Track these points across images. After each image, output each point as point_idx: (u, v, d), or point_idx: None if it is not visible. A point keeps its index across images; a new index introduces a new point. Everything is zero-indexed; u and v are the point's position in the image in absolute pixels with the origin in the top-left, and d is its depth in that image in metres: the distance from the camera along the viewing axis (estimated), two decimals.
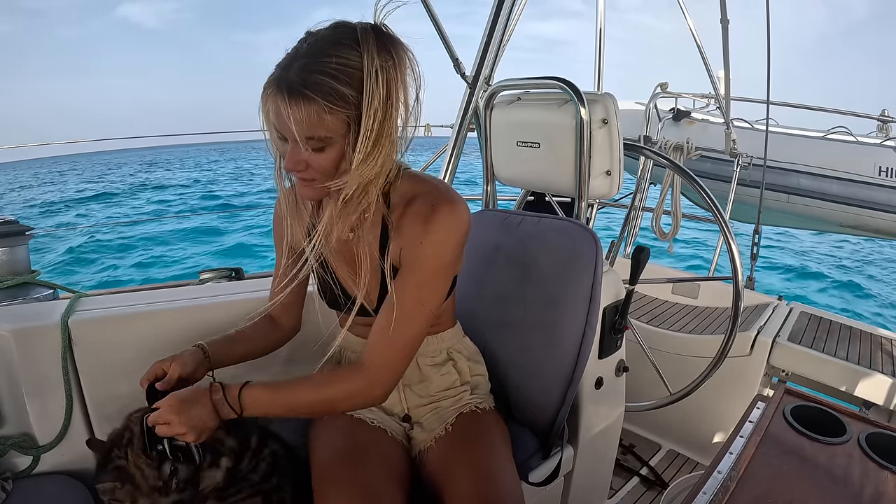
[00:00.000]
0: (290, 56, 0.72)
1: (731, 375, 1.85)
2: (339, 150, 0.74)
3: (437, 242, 0.81)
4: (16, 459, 1.00)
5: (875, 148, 3.71)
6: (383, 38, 0.73)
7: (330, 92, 0.69)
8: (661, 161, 1.57)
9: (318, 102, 0.69)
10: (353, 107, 0.71)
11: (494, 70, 1.53)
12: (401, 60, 0.74)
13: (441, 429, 0.94)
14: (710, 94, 3.52)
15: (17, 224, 1.28)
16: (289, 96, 0.69)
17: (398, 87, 0.73)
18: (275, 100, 0.70)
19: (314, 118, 0.70)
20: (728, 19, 2.59)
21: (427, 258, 0.82)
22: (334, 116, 0.70)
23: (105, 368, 1.06)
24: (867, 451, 0.83)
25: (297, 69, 0.69)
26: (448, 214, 0.81)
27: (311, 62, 0.69)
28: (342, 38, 0.71)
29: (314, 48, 0.71)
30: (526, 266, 1.16)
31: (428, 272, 0.83)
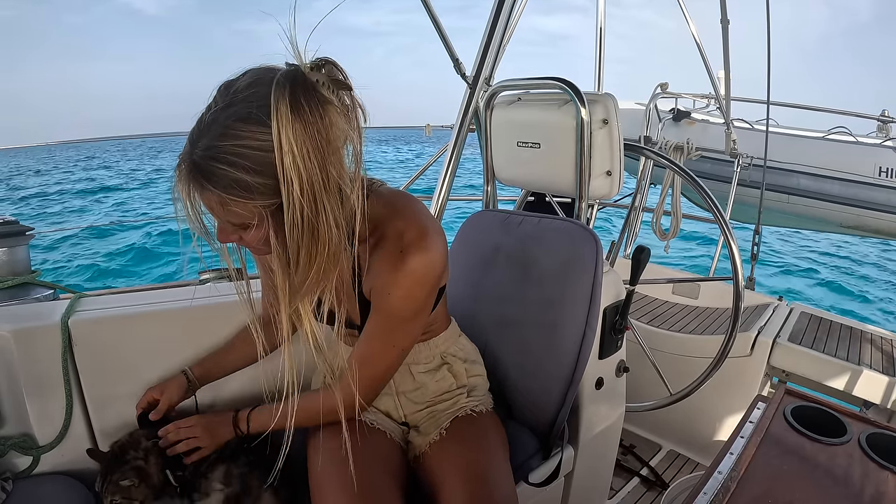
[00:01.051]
0: (200, 125, 0.63)
1: (732, 376, 1.85)
2: (265, 236, 0.67)
3: (405, 295, 0.78)
4: (16, 460, 1.00)
5: (875, 148, 3.71)
6: (304, 95, 0.59)
7: (232, 184, 0.61)
8: (661, 161, 1.57)
9: (219, 195, 0.62)
10: (268, 194, 0.62)
11: (495, 70, 1.53)
12: (327, 113, 0.61)
13: (436, 433, 0.94)
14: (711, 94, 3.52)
15: (18, 224, 1.28)
16: (192, 182, 0.62)
17: (328, 151, 0.61)
18: (184, 179, 0.63)
19: (221, 208, 0.64)
20: (728, 19, 2.59)
21: (396, 309, 0.80)
22: (242, 207, 0.63)
23: (105, 368, 1.06)
24: (867, 451, 0.83)
25: (201, 151, 0.61)
26: (418, 264, 0.76)
27: (213, 146, 0.60)
28: (251, 109, 0.60)
29: (220, 122, 0.61)
30: (526, 266, 1.16)
31: (396, 320, 0.81)
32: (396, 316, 0.81)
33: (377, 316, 0.82)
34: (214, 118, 0.61)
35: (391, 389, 1.00)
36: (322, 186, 0.61)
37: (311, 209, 0.61)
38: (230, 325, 1.16)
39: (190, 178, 0.62)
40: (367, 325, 0.84)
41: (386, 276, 0.78)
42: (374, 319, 0.83)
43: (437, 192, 1.52)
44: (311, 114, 0.59)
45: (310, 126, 0.59)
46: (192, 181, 0.62)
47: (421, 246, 0.77)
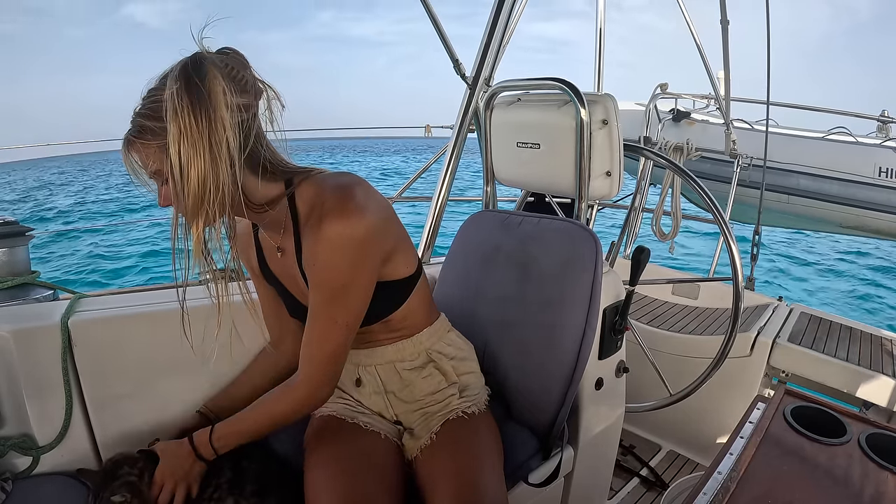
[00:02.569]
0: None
1: (732, 376, 1.85)
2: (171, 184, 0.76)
3: (327, 264, 0.80)
4: (15, 460, 1.00)
5: (875, 148, 3.70)
6: (195, 60, 0.72)
7: (140, 130, 0.74)
8: (661, 162, 1.58)
9: (135, 143, 0.75)
10: (157, 136, 0.73)
11: (494, 71, 1.53)
12: (213, 77, 0.71)
13: (427, 438, 0.93)
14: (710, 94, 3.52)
15: (18, 224, 1.28)
16: (128, 143, 0.76)
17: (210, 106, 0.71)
18: (123, 146, 0.77)
19: (141, 156, 0.76)
20: (728, 20, 2.59)
21: (324, 279, 0.81)
22: (148, 150, 0.75)
23: (105, 369, 1.06)
24: (867, 451, 0.83)
25: (132, 116, 0.76)
26: (333, 231, 0.78)
27: (142, 103, 0.75)
28: (159, 77, 0.75)
29: (144, 96, 0.76)
30: (526, 267, 1.16)
31: (328, 292, 0.82)
32: (327, 287, 0.81)
33: (312, 292, 0.83)
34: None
35: (380, 388, 1.00)
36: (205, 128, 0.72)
37: (189, 147, 0.72)
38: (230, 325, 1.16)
39: (126, 142, 0.76)
40: (309, 302, 0.85)
41: (310, 248, 0.82)
42: (311, 297, 0.84)
43: (437, 193, 1.52)
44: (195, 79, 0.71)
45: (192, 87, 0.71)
46: (125, 142, 0.76)
47: (338, 213, 0.79)
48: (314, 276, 0.82)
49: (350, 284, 0.82)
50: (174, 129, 0.71)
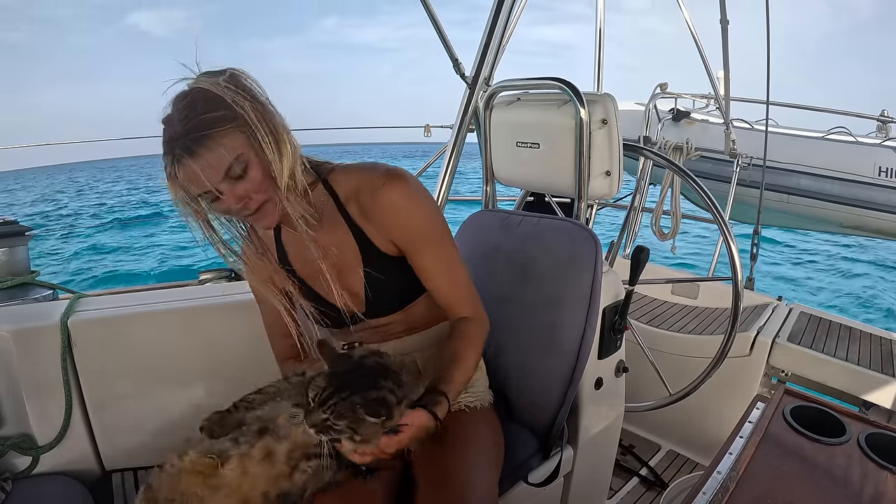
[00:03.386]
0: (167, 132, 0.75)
1: (731, 376, 1.85)
2: (257, 163, 0.76)
3: (413, 217, 0.86)
4: (15, 460, 1.00)
5: (875, 148, 3.70)
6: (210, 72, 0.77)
7: (213, 122, 0.73)
8: (660, 161, 1.58)
9: (212, 136, 0.73)
10: (234, 119, 0.74)
11: (494, 71, 1.53)
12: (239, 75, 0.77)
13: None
14: (710, 94, 3.52)
15: (17, 224, 1.28)
16: (191, 153, 0.72)
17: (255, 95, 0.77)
18: (180, 167, 0.73)
19: (219, 150, 0.73)
20: (728, 20, 2.59)
21: (420, 232, 0.87)
22: (230, 137, 0.74)
23: (105, 369, 1.06)
24: (867, 451, 0.83)
25: (179, 131, 0.72)
26: (401, 190, 0.85)
27: (183, 116, 0.73)
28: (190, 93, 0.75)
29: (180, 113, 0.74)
30: (526, 266, 1.16)
31: (431, 240, 0.88)
32: (426, 238, 0.87)
33: (417, 251, 0.88)
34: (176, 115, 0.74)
35: None
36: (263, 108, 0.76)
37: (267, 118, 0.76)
38: (229, 324, 1.16)
39: (186, 149, 0.72)
40: (422, 266, 0.89)
41: (379, 219, 0.86)
42: (419, 256, 0.88)
43: (437, 193, 1.52)
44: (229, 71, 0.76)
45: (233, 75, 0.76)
46: (190, 150, 0.72)
47: (393, 177, 0.85)
48: (408, 236, 0.87)
49: (441, 224, 0.89)
50: (248, 106, 0.73)
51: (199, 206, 0.78)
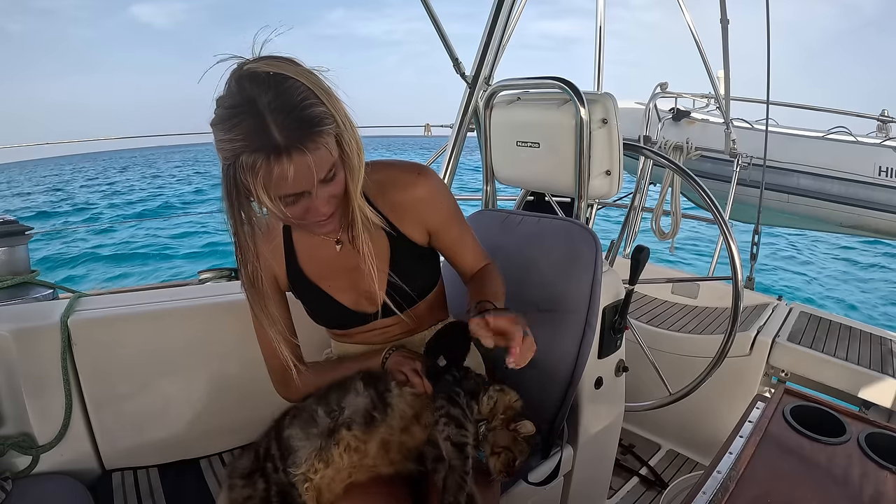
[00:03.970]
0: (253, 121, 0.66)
1: (731, 375, 1.85)
2: (342, 169, 0.74)
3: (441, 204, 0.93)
4: (15, 459, 1.00)
5: (875, 148, 3.70)
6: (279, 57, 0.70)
7: (317, 119, 0.68)
8: (660, 161, 1.57)
9: (319, 133, 0.68)
10: (332, 118, 0.70)
11: (494, 70, 1.53)
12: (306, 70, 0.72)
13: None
14: (710, 94, 3.52)
15: (17, 224, 1.28)
16: (297, 150, 0.66)
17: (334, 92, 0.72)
18: (277, 167, 0.66)
19: (324, 150, 0.69)
20: (728, 19, 2.59)
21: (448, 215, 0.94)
22: (330, 136, 0.70)
23: (105, 368, 1.06)
24: (867, 451, 0.83)
25: (278, 127, 0.66)
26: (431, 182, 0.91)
27: (280, 106, 0.66)
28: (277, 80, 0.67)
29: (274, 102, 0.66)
30: (526, 266, 1.16)
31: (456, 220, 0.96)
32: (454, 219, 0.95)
33: (450, 227, 0.95)
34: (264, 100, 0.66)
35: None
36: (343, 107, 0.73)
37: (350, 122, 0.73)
38: (229, 324, 1.16)
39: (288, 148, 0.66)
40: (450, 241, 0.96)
41: (424, 205, 0.90)
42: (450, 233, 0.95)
43: None
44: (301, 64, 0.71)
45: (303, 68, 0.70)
46: (293, 150, 0.66)
47: (419, 170, 0.91)
48: (441, 218, 0.93)
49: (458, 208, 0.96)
50: (339, 107, 0.70)
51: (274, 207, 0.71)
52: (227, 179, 0.69)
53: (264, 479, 0.79)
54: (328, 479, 0.78)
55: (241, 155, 0.66)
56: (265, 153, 0.66)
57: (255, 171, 0.66)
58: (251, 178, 0.67)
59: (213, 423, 1.16)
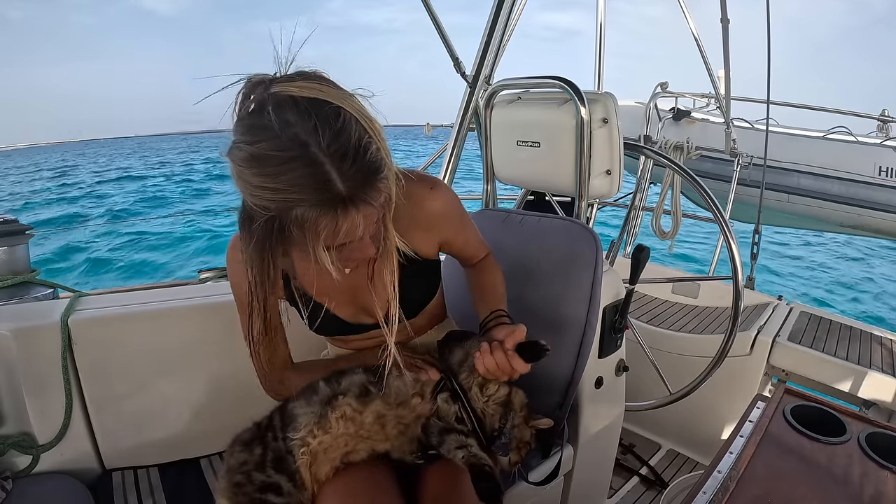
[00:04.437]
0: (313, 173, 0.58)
1: (731, 375, 1.85)
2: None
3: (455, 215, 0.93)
4: (15, 459, 1.00)
5: (875, 148, 3.70)
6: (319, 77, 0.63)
7: (376, 167, 0.62)
8: (661, 161, 1.57)
9: (378, 182, 0.62)
10: (384, 161, 0.64)
11: (494, 69, 1.53)
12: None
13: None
14: (711, 93, 3.52)
15: (17, 223, 1.28)
16: (361, 204, 0.61)
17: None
18: (344, 222, 0.61)
19: (380, 199, 0.64)
20: (728, 19, 2.59)
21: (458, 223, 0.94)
22: (385, 181, 0.64)
23: (105, 368, 1.06)
24: (867, 450, 0.83)
25: (342, 177, 0.59)
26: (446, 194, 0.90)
27: (342, 155, 0.59)
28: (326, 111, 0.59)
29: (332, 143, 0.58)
30: (526, 265, 1.16)
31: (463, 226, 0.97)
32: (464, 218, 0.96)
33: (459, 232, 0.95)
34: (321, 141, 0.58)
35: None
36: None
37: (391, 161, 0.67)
38: (229, 323, 1.16)
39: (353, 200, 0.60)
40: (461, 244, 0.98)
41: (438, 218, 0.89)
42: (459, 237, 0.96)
43: None
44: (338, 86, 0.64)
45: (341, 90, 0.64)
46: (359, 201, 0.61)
47: (434, 182, 0.89)
48: (454, 226, 0.93)
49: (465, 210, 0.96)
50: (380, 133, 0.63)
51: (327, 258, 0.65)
52: (266, 230, 0.62)
53: (262, 446, 0.81)
54: (325, 446, 0.79)
55: (294, 209, 0.59)
56: (331, 208, 0.59)
57: (316, 227, 0.60)
58: (310, 234, 0.61)
59: (214, 422, 1.16)
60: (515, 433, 0.87)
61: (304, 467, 0.78)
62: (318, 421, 0.80)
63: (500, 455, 0.86)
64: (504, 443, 0.85)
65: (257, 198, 0.60)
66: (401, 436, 0.84)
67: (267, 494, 0.76)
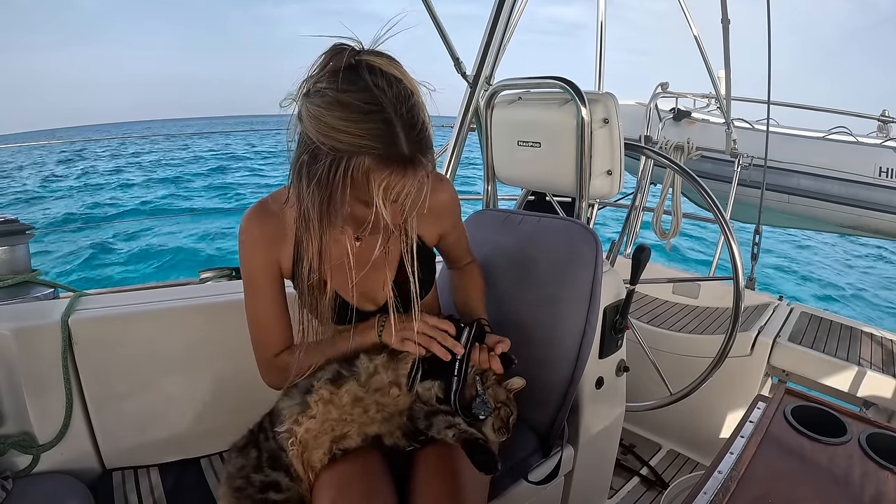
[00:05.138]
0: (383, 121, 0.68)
1: (732, 376, 1.85)
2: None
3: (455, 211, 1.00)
4: (15, 458, 1.00)
5: (875, 148, 3.70)
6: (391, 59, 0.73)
7: (430, 141, 0.73)
8: (661, 161, 1.57)
9: (430, 157, 0.73)
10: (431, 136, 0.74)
11: (495, 69, 1.53)
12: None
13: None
14: (711, 94, 3.52)
15: (18, 223, 1.28)
16: (419, 168, 0.71)
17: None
18: (402, 178, 0.70)
19: (429, 168, 0.74)
20: (729, 19, 2.59)
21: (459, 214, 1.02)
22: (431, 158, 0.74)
23: (105, 367, 1.06)
24: (867, 451, 0.83)
25: (408, 142, 0.69)
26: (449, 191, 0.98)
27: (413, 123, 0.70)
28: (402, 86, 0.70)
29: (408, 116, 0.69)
30: (526, 266, 1.16)
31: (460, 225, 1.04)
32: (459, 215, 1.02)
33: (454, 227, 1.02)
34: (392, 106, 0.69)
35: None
36: None
37: None
38: (230, 323, 1.16)
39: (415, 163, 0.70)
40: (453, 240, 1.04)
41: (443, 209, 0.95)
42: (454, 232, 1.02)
43: None
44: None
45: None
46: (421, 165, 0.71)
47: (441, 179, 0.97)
48: (452, 220, 1.00)
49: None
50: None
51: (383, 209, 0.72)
52: (331, 170, 0.70)
53: (256, 449, 0.84)
54: (313, 433, 0.82)
55: (364, 154, 0.68)
56: (398, 163, 0.69)
57: (380, 175, 0.69)
58: (374, 180, 0.69)
59: (214, 422, 1.16)
60: (490, 393, 0.91)
61: (296, 458, 0.81)
62: (301, 409, 0.83)
63: (481, 416, 0.89)
64: (482, 401, 0.89)
65: (331, 139, 0.68)
66: (387, 421, 0.86)
67: (268, 493, 0.78)
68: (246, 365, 1.17)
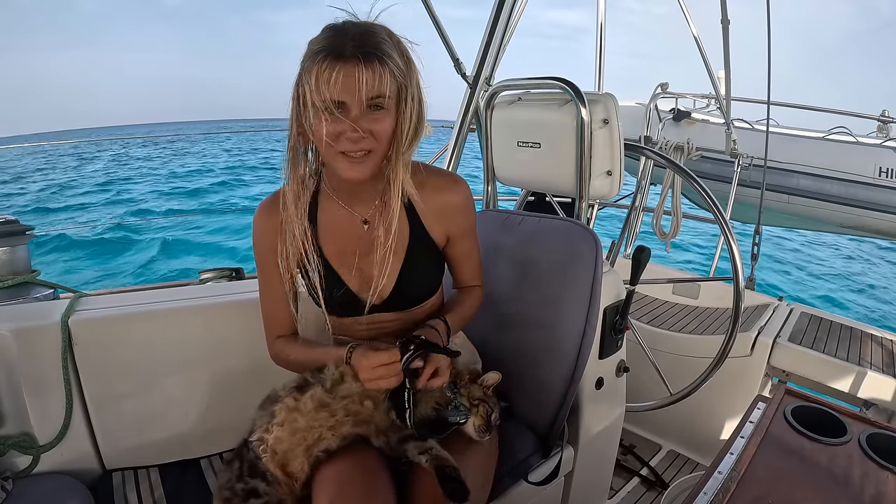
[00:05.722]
0: (335, 33, 0.75)
1: (732, 376, 1.85)
2: (393, 116, 0.79)
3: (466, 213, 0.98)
4: (16, 459, 1.00)
5: (875, 148, 3.70)
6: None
7: (388, 52, 0.75)
8: (661, 161, 1.57)
9: (388, 65, 0.75)
10: (400, 66, 0.77)
11: (495, 70, 1.53)
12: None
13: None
14: (711, 94, 3.52)
15: (18, 224, 1.28)
16: (364, 58, 0.73)
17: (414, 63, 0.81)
18: (342, 67, 0.73)
19: (382, 77, 0.75)
20: (729, 20, 2.59)
21: (469, 225, 0.99)
22: (392, 75, 0.76)
23: (105, 368, 1.06)
24: (867, 451, 0.83)
25: (359, 39, 0.74)
26: (464, 191, 0.97)
27: (364, 31, 0.75)
28: (373, 24, 0.77)
29: (363, 27, 0.76)
30: (526, 266, 1.16)
31: (471, 233, 1.01)
32: (473, 227, 1.01)
33: (465, 237, 1.00)
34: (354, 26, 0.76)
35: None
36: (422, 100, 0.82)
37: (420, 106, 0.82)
38: (230, 324, 1.16)
39: (363, 55, 0.74)
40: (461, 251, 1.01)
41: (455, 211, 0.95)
42: (464, 243, 1.00)
43: None
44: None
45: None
46: (365, 57, 0.74)
47: (455, 180, 0.98)
48: (463, 226, 0.98)
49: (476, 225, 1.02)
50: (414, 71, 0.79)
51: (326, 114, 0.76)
52: (296, 84, 0.78)
53: (239, 460, 0.89)
54: (285, 443, 0.85)
55: (309, 61, 0.75)
56: (329, 53, 0.73)
57: (312, 64, 0.74)
58: (309, 72, 0.74)
59: (214, 422, 1.16)
60: (464, 392, 0.92)
61: (270, 463, 0.85)
62: (269, 419, 0.88)
63: (460, 421, 0.89)
64: (454, 406, 0.90)
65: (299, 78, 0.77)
66: (365, 424, 0.87)
67: (249, 500, 0.83)
68: (246, 365, 1.17)
